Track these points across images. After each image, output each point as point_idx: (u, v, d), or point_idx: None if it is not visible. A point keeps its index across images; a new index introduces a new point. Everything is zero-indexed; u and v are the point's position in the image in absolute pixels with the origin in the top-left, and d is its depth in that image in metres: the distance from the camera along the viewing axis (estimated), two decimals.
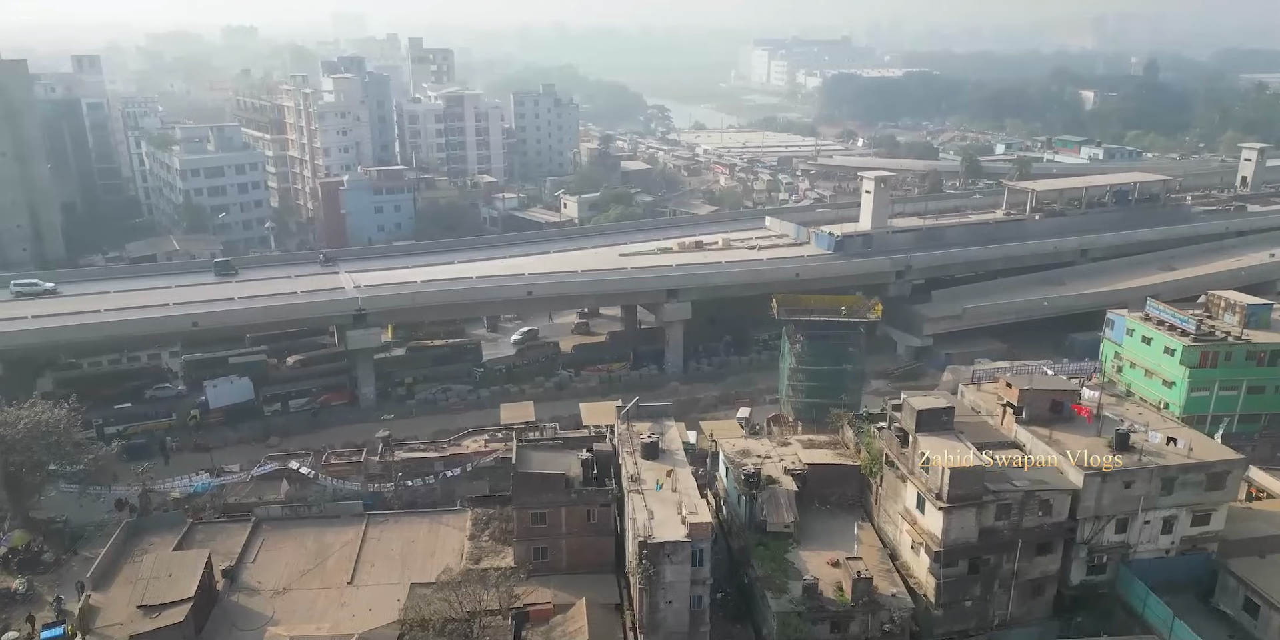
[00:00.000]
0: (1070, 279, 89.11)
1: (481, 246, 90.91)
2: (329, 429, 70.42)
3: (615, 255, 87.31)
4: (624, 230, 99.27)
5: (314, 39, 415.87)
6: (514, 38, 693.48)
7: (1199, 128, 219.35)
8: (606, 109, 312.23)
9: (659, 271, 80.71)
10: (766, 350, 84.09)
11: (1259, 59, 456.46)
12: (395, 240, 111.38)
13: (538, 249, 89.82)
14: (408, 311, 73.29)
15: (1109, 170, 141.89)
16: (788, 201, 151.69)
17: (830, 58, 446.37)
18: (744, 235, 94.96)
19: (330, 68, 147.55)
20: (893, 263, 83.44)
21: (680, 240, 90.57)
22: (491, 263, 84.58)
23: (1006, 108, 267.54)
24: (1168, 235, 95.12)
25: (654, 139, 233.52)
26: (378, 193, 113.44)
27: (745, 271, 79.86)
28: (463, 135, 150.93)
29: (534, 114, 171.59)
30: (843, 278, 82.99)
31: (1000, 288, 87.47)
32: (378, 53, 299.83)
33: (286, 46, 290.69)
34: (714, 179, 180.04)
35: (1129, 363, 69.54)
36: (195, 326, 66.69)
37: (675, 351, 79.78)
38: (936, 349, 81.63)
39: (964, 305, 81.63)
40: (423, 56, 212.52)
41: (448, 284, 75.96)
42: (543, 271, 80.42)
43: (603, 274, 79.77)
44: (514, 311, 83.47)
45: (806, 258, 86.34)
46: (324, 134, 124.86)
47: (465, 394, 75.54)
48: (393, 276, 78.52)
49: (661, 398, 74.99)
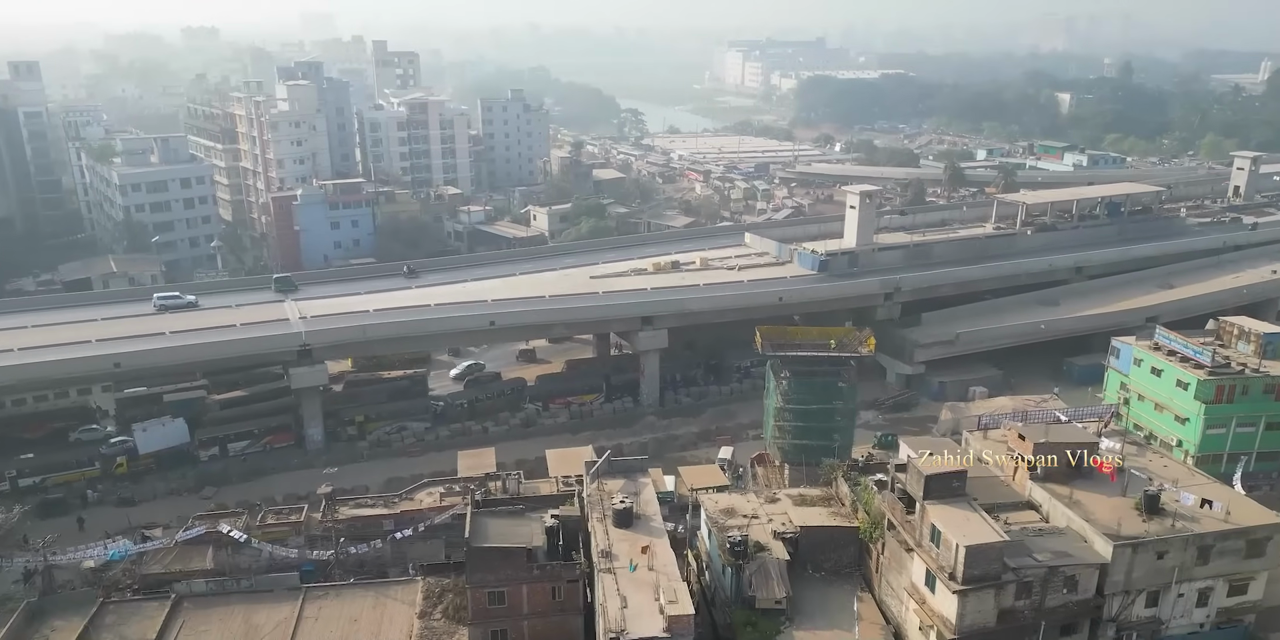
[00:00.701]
0: (1066, 298, 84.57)
1: (442, 268, 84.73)
2: (270, 476, 64.20)
3: (586, 277, 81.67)
4: (595, 248, 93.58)
5: (280, 40, 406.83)
6: (487, 39, 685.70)
7: (1178, 131, 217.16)
8: (579, 112, 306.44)
9: (632, 297, 75.10)
10: (748, 378, 78.88)
11: (1229, 60, 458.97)
12: (353, 258, 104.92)
13: (503, 270, 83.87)
14: (358, 345, 67.11)
15: (1096, 178, 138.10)
16: (765, 211, 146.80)
17: (805, 59, 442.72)
18: (722, 254, 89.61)
19: (286, 73, 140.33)
20: (881, 284, 78.43)
21: (655, 261, 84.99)
22: (452, 287, 78.61)
23: (983, 111, 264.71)
24: (1165, 250, 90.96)
25: (628, 145, 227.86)
26: (334, 207, 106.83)
27: (725, 297, 74.49)
28: (427, 143, 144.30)
29: (502, 120, 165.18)
30: (828, 301, 77.89)
31: (993, 309, 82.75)
32: (343, 55, 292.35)
33: (248, 49, 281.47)
34: (689, 187, 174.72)
35: (1137, 395, 64.86)
36: (118, 367, 60.14)
37: (651, 383, 74.21)
38: (929, 376, 76.72)
39: (957, 330, 76.76)
40: (387, 60, 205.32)
41: (402, 314, 69.89)
42: (507, 298, 74.53)
43: (572, 300, 74.04)
44: (475, 343, 77.49)
45: (789, 279, 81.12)
46: (277, 144, 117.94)
47: (423, 433, 69.47)
48: (343, 305, 72.34)
49: (638, 433, 70.00)
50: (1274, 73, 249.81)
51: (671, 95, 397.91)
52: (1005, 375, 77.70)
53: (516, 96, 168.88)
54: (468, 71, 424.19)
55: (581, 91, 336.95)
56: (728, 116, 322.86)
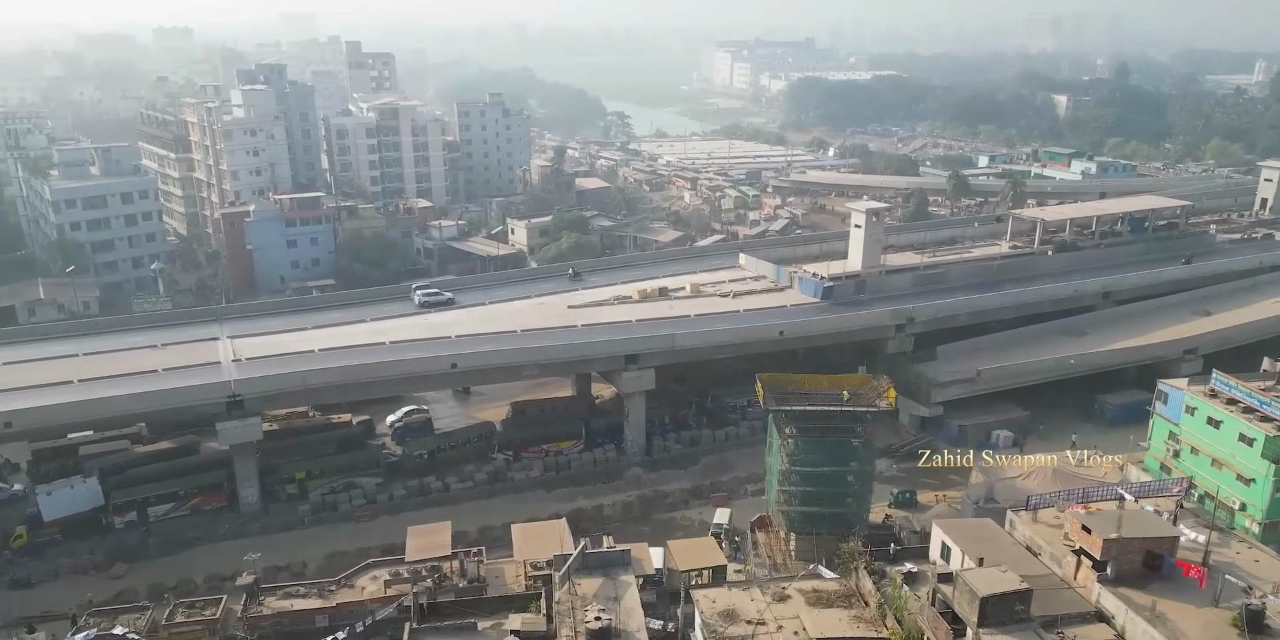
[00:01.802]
0: (1094, 327, 76.63)
1: (403, 296, 76.02)
2: (195, 548, 55.41)
3: (564, 307, 73.22)
4: (575, 269, 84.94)
5: (258, 41, 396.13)
6: (472, 39, 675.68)
7: (1181, 135, 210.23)
8: (564, 115, 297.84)
9: (615, 332, 66.68)
10: (745, 420, 70.61)
11: (1219, 60, 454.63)
12: (311, 279, 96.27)
13: (471, 298, 75.26)
14: (298, 395, 58.35)
15: (1109, 188, 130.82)
16: (758, 221, 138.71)
17: (794, 60, 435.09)
18: (715, 278, 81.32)
19: (246, 77, 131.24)
20: (893, 315, 70.24)
21: (641, 287, 76.60)
22: (413, 320, 69.99)
23: (979, 114, 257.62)
24: (1197, 272, 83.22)
25: (612, 150, 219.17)
26: (290, 224, 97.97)
27: (719, 331, 66.08)
28: (398, 151, 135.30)
29: (480, 125, 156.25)
30: (834, 334, 69.61)
31: (1015, 340, 74.69)
32: (320, 56, 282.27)
33: (220, 49, 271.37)
34: (678, 195, 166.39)
35: (1189, 448, 56.90)
36: (9, 427, 51.19)
37: (636, 429, 65.78)
38: (947, 419, 68.61)
39: (978, 366, 68.64)
40: (361, 62, 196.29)
41: (351, 355, 61.22)
42: (473, 334, 65.92)
43: (546, 337, 65.50)
44: (435, 388, 68.78)
45: (790, 309, 72.86)
46: (231, 154, 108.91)
47: (374, 491, 60.75)
48: (285, 343, 63.62)
49: (621, 489, 61.55)
50: (1276, 75, 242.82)
51: (659, 97, 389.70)
52: (1032, 417, 69.75)
53: (495, 100, 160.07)
54: (450, 72, 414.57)
55: (567, 93, 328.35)
56: (717, 119, 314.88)
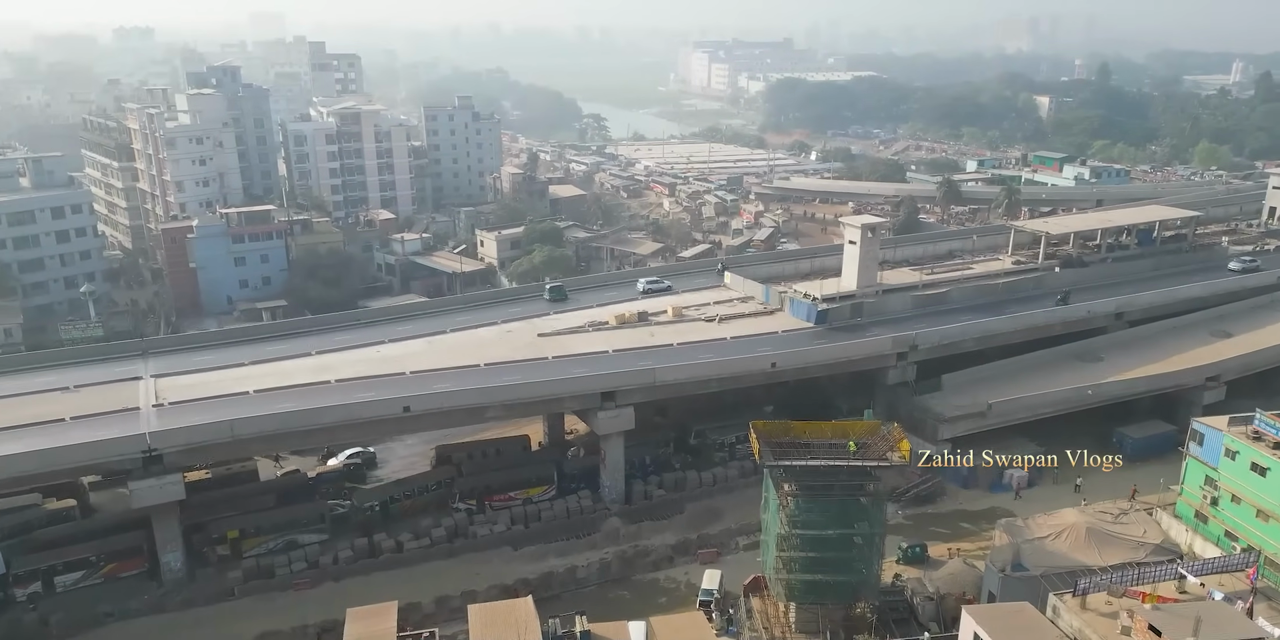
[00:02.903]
0: (1108, 352, 71.00)
1: (355, 323, 68.95)
2: (105, 627, 48.10)
3: (533, 335, 66.43)
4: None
5: (223, 41, 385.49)
6: (445, 39, 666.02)
7: (1169, 137, 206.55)
8: (539, 117, 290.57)
9: (589, 365, 60.07)
10: (734, 459, 64.21)
11: (1196, 60, 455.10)
12: (260, 301, 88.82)
13: (432, 325, 68.27)
14: (226, 447, 51.14)
15: (1105, 195, 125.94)
16: (741, 231, 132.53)
17: (772, 61, 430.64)
18: (698, 299, 74.87)
19: (197, 80, 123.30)
20: (894, 342, 64.10)
21: (618, 312, 69.92)
22: (364, 351, 62.93)
23: (961, 115, 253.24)
24: (1214, 290, 77.77)
25: (588, 154, 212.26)
26: (238, 240, 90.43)
27: (705, 364, 59.59)
28: (361, 159, 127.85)
29: (449, 130, 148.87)
30: (831, 364, 63.30)
31: (1025, 368, 68.82)
32: (286, 57, 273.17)
33: (180, 50, 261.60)
34: (656, 202, 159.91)
35: (1230, 496, 51.06)
36: None
37: (614, 473, 59.15)
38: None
39: (988, 397, 62.64)
40: (325, 63, 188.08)
41: (291, 397, 54.13)
42: (431, 369, 59.01)
43: (513, 371, 58.72)
44: (388, 434, 61.68)
45: (781, 335, 66.56)
46: (175, 164, 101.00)
47: (317, 552, 53.64)
48: (217, 383, 56.40)
49: (598, 546, 54.80)
50: (1260, 76, 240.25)
51: (636, 98, 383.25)
52: (1046, 452, 63.62)
53: (465, 103, 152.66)
54: (422, 74, 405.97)
55: (542, 94, 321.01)
56: (695, 121, 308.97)
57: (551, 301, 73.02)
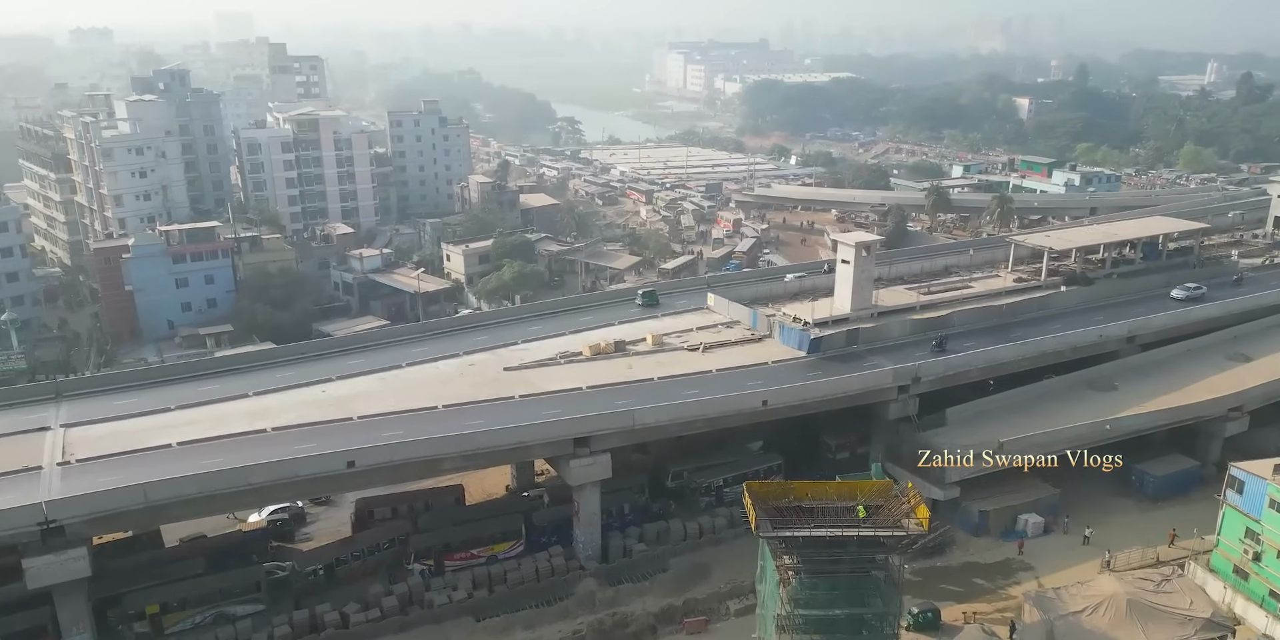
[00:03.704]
0: (1122, 379, 65.83)
1: (301, 357, 62.23)
2: None
3: (498, 369, 60.10)
4: (514, 316, 72.04)
5: (185, 42, 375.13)
6: (416, 40, 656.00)
7: (1153, 139, 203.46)
8: (511, 120, 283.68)
9: (562, 405, 53.87)
10: (723, 505, 58.41)
11: (1169, 61, 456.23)
12: (204, 325, 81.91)
13: (385, 359, 61.73)
14: (139, 515, 44.34)
15: (1098, 203, 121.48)
16: (722, 241, 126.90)
17: (748, 61, 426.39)
18: (680, 324, 68.88)
19: (143, 84, 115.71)
20: (895, 375, 58.46)
21: (593, 340, 63.76)
22: (309, 391, 56.31)
23: (941, 117, 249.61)
24: (1229, 309, 72.81)
25: (563, 159, 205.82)
26: (179, 260, 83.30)
27: (690, 404, 53.51)
28: (320, 167, 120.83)
29: (415, 136, 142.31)
30: (828, 401, 57.50)
31: (1035, 398, 63.44)
32: (248, 58, 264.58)
33: (137, 52, 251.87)
34: (633, 210, 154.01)
35: (1275, 551, 45.92)
36: None
37: (589, 528, 53.01)
38: (965, 502, 56.93)
39: (998, 434, 57.05)
40: (285, 66, 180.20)
41: (219, 449, 47.52)
42: (382, 413, 52.57)
43: (474, 414, 52.42)
44: (329, 492, 55.01)
45: (772, 367, 60.70)
46: (112, 176, 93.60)
47: (251, 628, 47.03)
48: (136, 433, 49.64)
49: (570, 614, 48.59)
50: (1241, 77, 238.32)
51: (611, 100, 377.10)
52: (1063, 494, 58.48)
53: (431, 108, 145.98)
54: (392, 75, 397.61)
55: (514, 97, 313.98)
56: (671, 123, 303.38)
57: (644, 306, 71.59)
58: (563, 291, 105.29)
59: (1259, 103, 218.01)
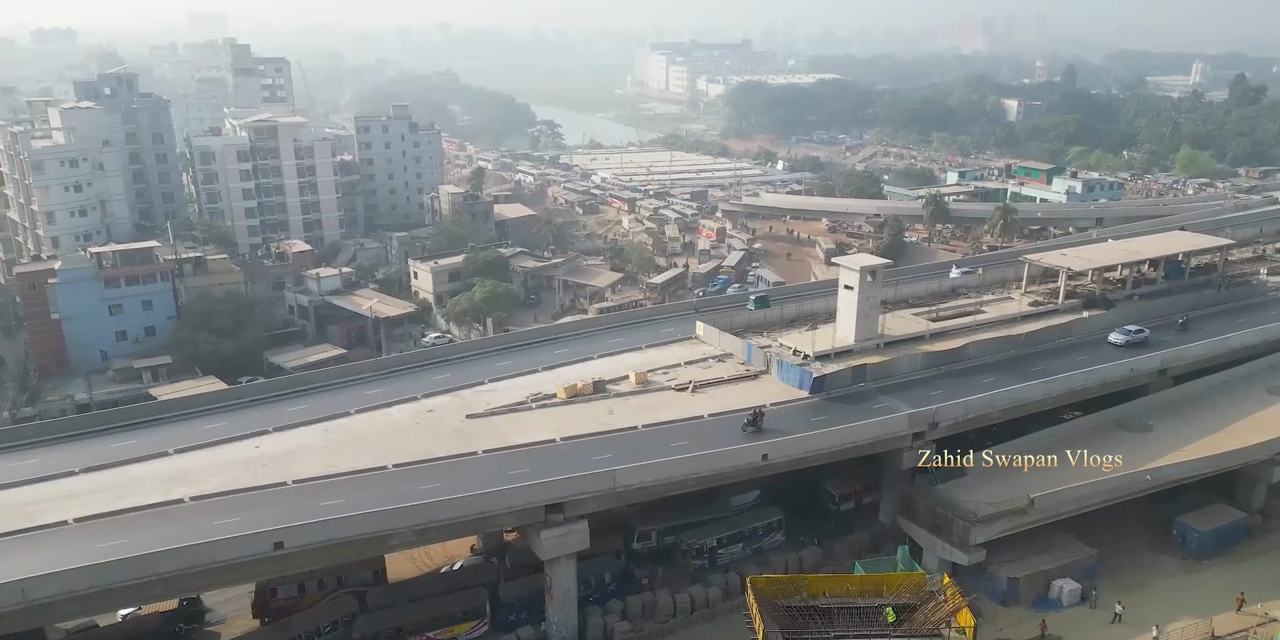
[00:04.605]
0: (1156, 418, 59.51)
1: (234, 404, 54.75)
2: None
3: (460, 416, 52.88)
4: (480, 350, 64.71)
5: (152, 43, 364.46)
6: (394, 40, 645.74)
7: (1148, 143, 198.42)
8: (490, 122, 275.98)
9: (532, 461, 46.79)
10: (716, 569, 51.52)
11: (1153, 61, 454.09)
12: (140, 356, 74.21)
13: (333, 404, 54.34)
14: (22, 615, 36.75)
15: (1108, 214, 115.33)
16: (708, 253, 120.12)
17: (731, 62, 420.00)
18: (666, 357, 61.92)
19: (86, 90, 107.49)
20: (911, 421, 51.75)
21: (569, 379, 56.72)
22: (239, 446, 48.87)
23: (929, 120, 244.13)
24: (1265, 336, 66.62)
25: (542, 164, 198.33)
26: (112, 284, 75.46)
27: (680, 462, 46.47)
28: (279, 177, 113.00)
29: (383, 143, 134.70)
30: (835, 452, 50.67)
31: (1062, 441, 56.72)
32: (213, 60, 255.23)
33: (97, 54, 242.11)
34: (615, 219, 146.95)
35: None
36: None
37: (563, 606, 45.87)
38: (992, 566, 50.19)
39: (1029, 489, 50.39)
40: (249, 68, 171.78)
41: (125, 525, 40.10)
42: (322, 476, 45.30)
43: (430, 475, 45.18)
44: (255, 577, 47.28)
45: (771, 408, 53.69)
46: (44, 191, 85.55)
47: None
48: (22, 507, 42.05)
49: None
50: (1235, 79, 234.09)
51: (592, 101, 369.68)
52: (1099, 554, 51.90)
53: (400, 113, 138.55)
54: (368, 77, 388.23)
55: (493, 98, 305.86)
56: (654, 126, 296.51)
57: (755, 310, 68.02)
58: (539, 310, 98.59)
59: (1253, 105, 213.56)
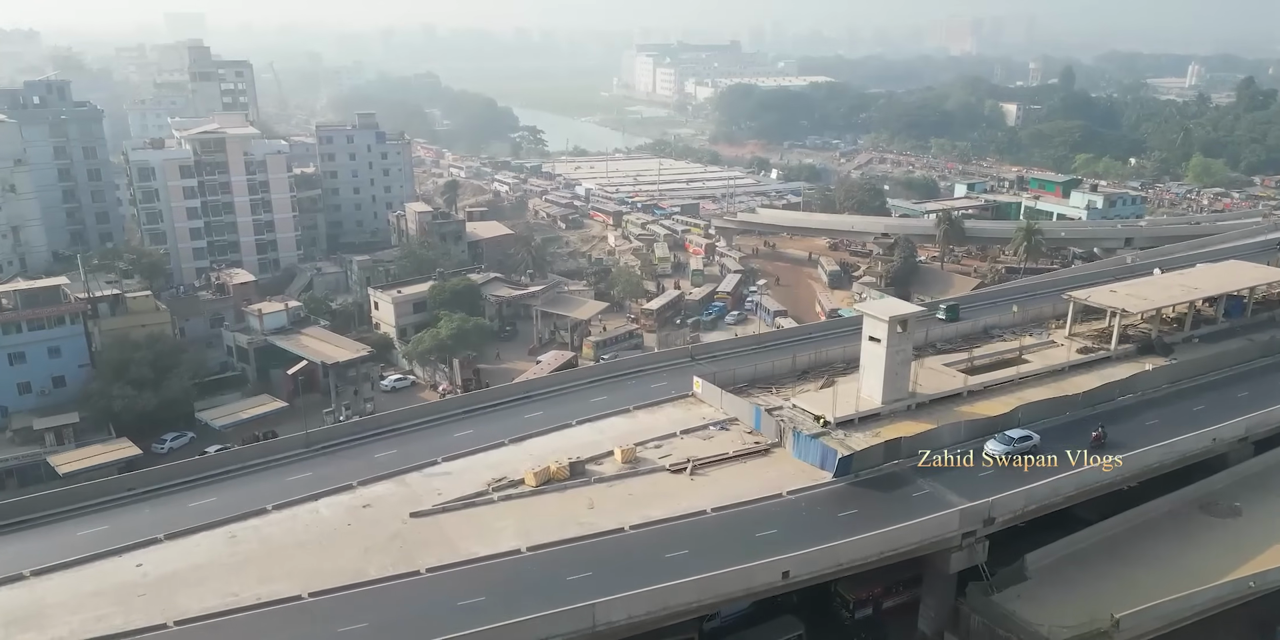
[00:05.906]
0: (1241, 495, 49.84)
1: (117, 499, 44.24)
2: None
3: (402, 515, 42.57)
4: (436, 414, 54.39)
5: (119, 44, 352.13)
6: (377, 41, 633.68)
7: (1158, 150, 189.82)
8: (470, 127, 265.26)
9: (488, 580, 36.71)
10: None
11: (1145, 62, 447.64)
12: (46, 413, 63.48)
13: (247, 496, 43.96)
14: None
15: (1138, 234, 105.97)
16: (700, 275, 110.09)
17: (720, 64, 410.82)
18: (659, 423, 51.80)
19: (9, 99, 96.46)
20: (963, 518, 41.81)
21: (540, 460, 46.49)
22: (115, 562, 38.50)
23: (926, 125, 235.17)
24: None
25: (523, 173, 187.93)
26: (12, 329, 64.70)
27: (680, 588, 36.37)
28: (229, 194, 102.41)
29: (348, 155, 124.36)
30: (872, 560, 40.65)
31: (1134, 530, 47.22)
32: (178, 62, 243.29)
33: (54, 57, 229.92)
34: (600, 235, 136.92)
35: None
36: None
37: None
38: None
39: (1110, 605, 40.57)
40: (208, 72, 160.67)
41: None
42: (214, 613, 35.00)
43: (354, 609, 34.94)
44: None
45: (788, 500, 43.81)
46: None
47: None
48: None
49: None
50: (1243, 82, 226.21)
51: (577, 104, 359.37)
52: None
53: (367, 122, 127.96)
54: (347, 79, 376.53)
55: (475, 102, 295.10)
56: (641, 130, 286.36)
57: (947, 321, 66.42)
58: (515, 342, 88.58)
59: (1262, 110, 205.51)
